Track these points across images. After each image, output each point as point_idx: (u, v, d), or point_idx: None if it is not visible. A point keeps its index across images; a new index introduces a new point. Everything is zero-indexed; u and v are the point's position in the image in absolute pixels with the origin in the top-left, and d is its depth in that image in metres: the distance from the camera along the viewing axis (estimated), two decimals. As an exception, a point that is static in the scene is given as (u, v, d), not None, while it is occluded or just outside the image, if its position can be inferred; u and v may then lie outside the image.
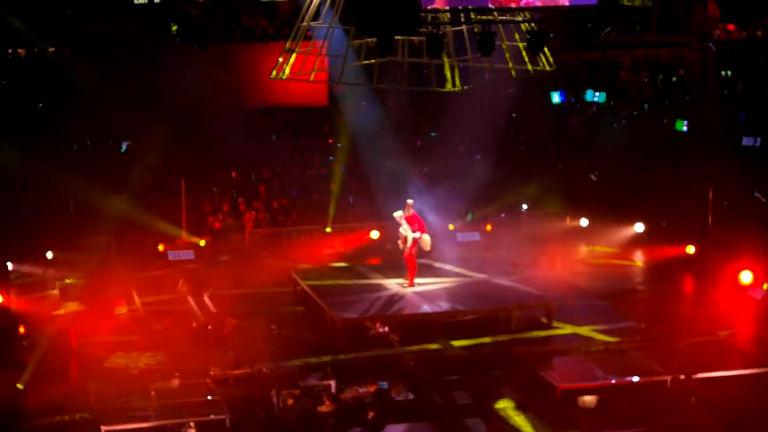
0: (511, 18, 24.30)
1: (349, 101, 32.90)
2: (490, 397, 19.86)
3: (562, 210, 31.42)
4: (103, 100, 32.38)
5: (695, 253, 28.54)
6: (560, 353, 21.99)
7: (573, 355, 21.77)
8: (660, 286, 26.95)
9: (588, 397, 19.65)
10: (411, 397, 19.86)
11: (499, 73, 26.04)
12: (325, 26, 24.81)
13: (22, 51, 34.43)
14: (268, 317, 23.83)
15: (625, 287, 26.88)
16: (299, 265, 27.36)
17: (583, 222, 31.19)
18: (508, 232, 30.24)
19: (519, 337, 23.01)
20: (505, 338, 22.91)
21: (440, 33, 23.43)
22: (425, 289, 24.43)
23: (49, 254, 27.61)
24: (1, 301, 23.94)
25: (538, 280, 25.47)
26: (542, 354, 21.85)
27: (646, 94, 37.16)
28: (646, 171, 33.33)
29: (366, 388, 19.79)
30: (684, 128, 34.61)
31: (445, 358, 21.81)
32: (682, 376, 20.16)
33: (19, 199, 29.69)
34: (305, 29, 25.32)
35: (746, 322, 24.42)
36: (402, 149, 31.99)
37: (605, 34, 37.88)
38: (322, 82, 26.61)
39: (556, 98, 36.40)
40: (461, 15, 24.21)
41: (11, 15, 32.74)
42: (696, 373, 20.25)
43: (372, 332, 22.83)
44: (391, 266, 26.14)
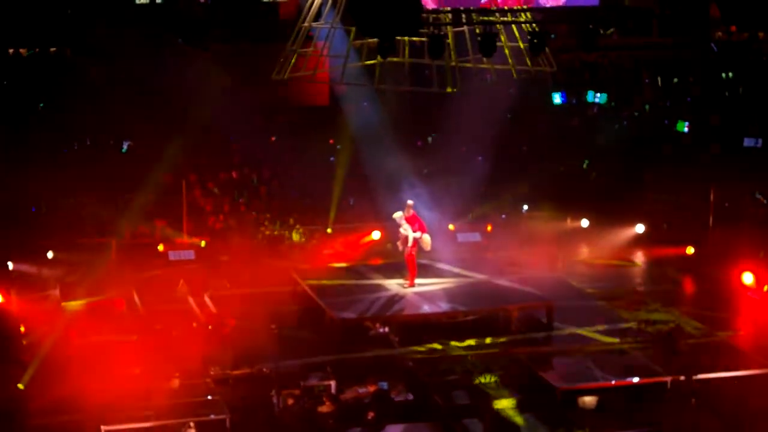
0: (513, 19, 24.32)
1: (350, 102, 32.90)
2: (490, 398, 19.86)
3: (562, 211, 31.39)
4: (103, 100, 32.40)
5: (695, 254, 28.55)
6: (560, 354, 21.98)
7: (573, 355, 21.76)
8: (660, 287, 26.93)
9: (588, 398, 19.67)
10: (411, 397, 19.86)
11: (500, 74, 26.06)
12: (326, 27, 24.83)
13: (23, 51, 34.46)
14: (269, 317, 23.82)
15: (625, 288, 26.85)
16: (299, 265, 27.36)
17: (584, 223, 31.19)
18: (509, 233, 30.23)
19: (519, 337, 23.01)
20: (506, 339, 22.91)
21: (441, 34, 23.45)
22: (425, 289, 24.43)
23: (50, 254, 27.61)
24: (2, 301, 23.95)
25: (539, 280, 25.46)
26: (542, 354, 21.85)
27: (647, 95, 37.17)
28: (647, 172, 33.33)
29: (366, 389, 19.80)
30: (685, 129, 34.63)
31: (445, 359, 21.80)
32: (682, 377, 20.16)
33: (20, 199, 29.68)
34: (307, 30, 25.35)
35: (746, 323, 24.44)
36: (402, 150, 31.98)
37: (607, 35, 37.90)
38: (323, 82, 26.61)
39: (557, 99, 36.40)
40: (462, 16, 24.23)
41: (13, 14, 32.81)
42: (696, 374, 20.25)
43: (372, 332, 22.85)
44: (391, 266, 26.13)
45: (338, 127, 33.32)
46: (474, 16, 24.75)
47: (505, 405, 19.65)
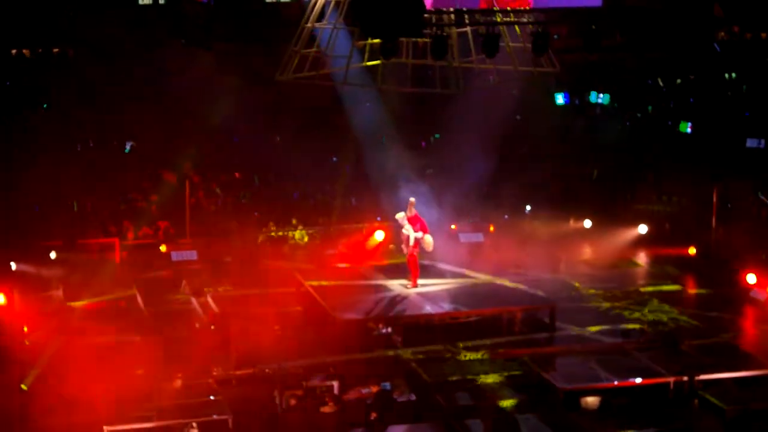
0: (516, 19, 24.32)
1: (353, 102, 32.90)
2: (493, 398, 19.87)
3: (565, 211, 31.40)
4: (107, 101, 32.46)
5: (697, 254, 28.55)
6: (563, 354, 21.98)
7: (576, 356, 21.75)
8: (662, 288, 26.92)
9: (591, 399, 19.66)
10: (413, 398, 19.86)
11: (503, 75, 26.07)
12: (329, 27, 24.85)
13: (26, 51, 34.52)
14: (271, 318, 23.84)
15: (628, 288, 26.84)
16: (302, 265, 27.37)
17: (587, 223, 31.20)
18: (511, 233, 30.23)
19: (522, 338, 23.01)
20: (508, 339, 22.91)
21: (444, 34, 23.45)
22: (428, 290, 24.43)
23: (53, 254, 27.64)
24: (4, 301, 23.98)
25: (541, 281, 25.47)
26: (545, 355, 21.84)
27: (649, 95, 37.19)
28: (649, 172, 33.35)
29: (368, 389, 19.80)
30: (688, 130, 34.65)
31: (448, 360, 21.80)
32: (685, 378, 20.16)
33: (23, 199, 29.72)
34: (310, 30, 25.37)
35: (749, 324, 24.44)
36: (405, 150, 31.99)
37: (610, 35, 37.87)
38: (326, 83, 26.62)
39: (560, 99, 36.43)
40: (465, 16, 24.24)
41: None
42: (698, 375, 20.25)
43: (375, 333, 22.85)
44: (394, 267, 26.14)
45: (341, 127, 33.31)
46: (477, 16, 24.76)
47: (508, 405, 19.67)
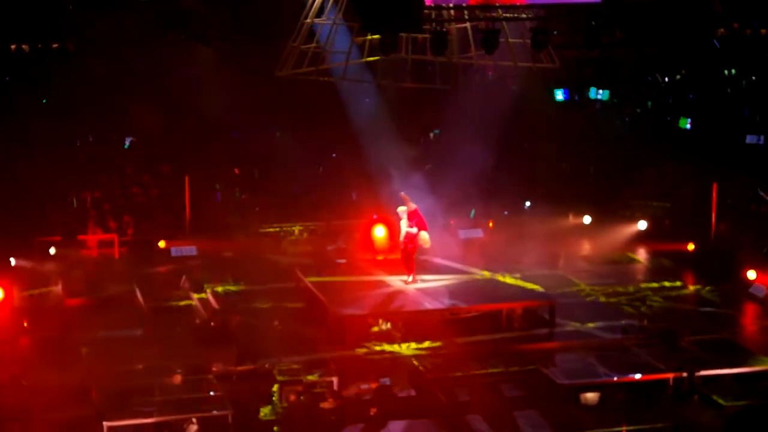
0: (515, 15, 24.29)
1: (352, 98, 32.87)
2: (493, 394, 19.88)
3: (564, 207, 31.41)
4: (106, 96, 32.42)
5: (697, 250, 28.57)
6: (562, 350, 21.99)
7: (575, 352, 21.77)
8: (662, 284, 26.94)
9: (590, 394, 19.67)
10: (413, 393, 19.88)
11: (503, 70, 26.04)
12: (329, 23, 24.83)
13: (25, 47, 34.47)
14: (271, 313, 23.85)
15: (627, 285, 26.85)
16: (302, 261, 27.38)
17: (586, 219, 31.21)
18: (511, 230, 30.24)
19: (521, 334, 23.02)
20: (508, 335, 22.93)
21: (444, 30, 23.43)
22: (428, 285, 24.44)
23: (52, 250, 27.64)
24: (3, 296, 24.00)
25: (541, 277, 25.47)
26: (545, 351, 21.85)
27: (649, 91, 37.18)
28: (649, 168, 33.35)
29: (368, 385, 19.81)
30: (687, 126, 34.65)
31: (448, 355, 21.81)
32: (684, 374, 20.17)
33: (23, 195, 29.71)
34: (309, 26, 25.34)
35: (748, 320, 24.47)
36: (405, 145, 32.00)
37: (609, 31, 37.82)
38: (325, 78, 26.61)
39: (559, 95, 36.41)
40: (465, 12, 24.21)
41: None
42: (697, 371, 20.26)
43: (374, 329, 22.86)
44: (394, 262, 26.13)
45: (340, 123, 33.29)
46: (477, 12, 24.73)
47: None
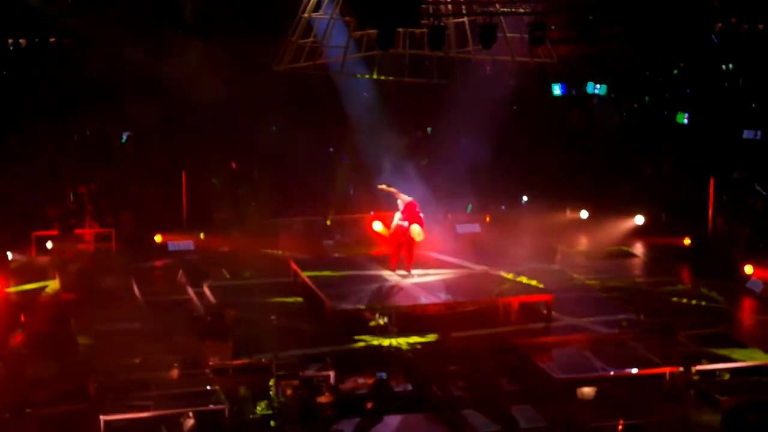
0: (513, 10, 24.30)
1: (349, 92, 32.86)
2: (489, 388, 19.88)
3: (561, 202, 31.41)
4: (103, 91, 32.38)
5: (692, 245, 28.60)
6: (559, 345, 21.99)
7: (572, 346, 21.77)
8: (659, 278, 26.96)
9: (587, 389, 19.68)
10: (410, 388, 19.88)
11: (500, 65, 26.03)
12: (326, 18, 24.82)
13: (23, 41, 34.45)
14: (268, 308, 23.83)
15: (624, 279, 26.87)
16: (299, 255, 27.37)
17: (583, 214, 31.22)
18: (508, 224, 30.24)
19: (518, 328, 23.02)
20: (505, 329, 22.93)
21: (442, 25, 23.41)
22: (425, 280, 24.45)
23: (49, 244, 27.64)
24: (1, 290, 24.00)
25: (538, 271, 25.47)
26: (541, 345, 21.85)
27: (646, 86, 37.15)
28: (646, 163, 33.36)
29: (365, 379, 19.82)
30: (685, 121, 34.65)
31: (444, 349, 21.80)
32: (681, 369, 20.18)
33: (20, 189, 29.70)
34: (307, 20, 25.34)
35: (745, 315, 24.49)
36: (402, 140, 31.99)
37: (607, 26, 37.83)
38: (323, 73, 26.61)
39: (556, 90, 36.38)
40: (462, 6, 24.21)
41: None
42: (694, 366, 20.28)
43: (371, 323, 22.86)
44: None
45: (338, 117, 33.29)
46: (475, 7, 24.74)
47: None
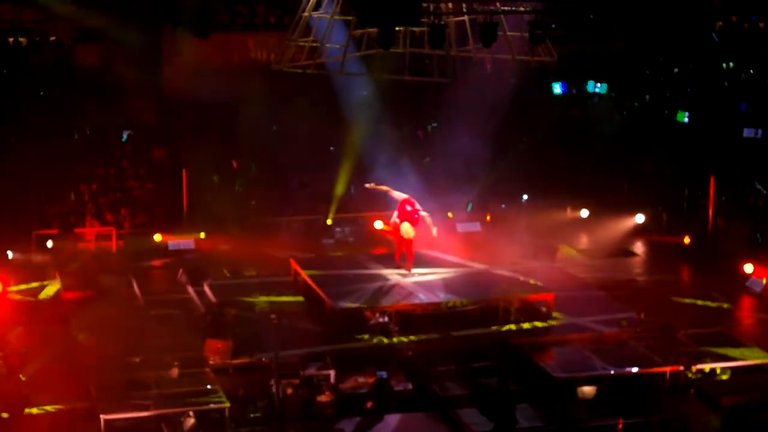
0: (513, 9, 24.28)
1: (349, 91, 32.86)
2: (489, 388, 19.87)
3: (562, 201, 31.40)
4: (103, 89, 32.38)
5: (694, 244, 28.58)
6: (559, 344, 21.99)
7: (572, 345, 21.77)
8: (659, 277, 26.95)
9: (587, 388, 19.67)
10: (410, 387, 19.89)
11: (501, 64, 26.00)
12: (326, 16, 24.80)
13: (23, 40, 34.42)
14: (268, 306, 23.83)
15: (624, 278, 26.86)
16: (299, 254, 27.37)
17: (584, 213, 31.21)
18: (508, 223, 30.23)
19: (518, 327, 23.03)
20: (505, 328, 22.93)
21: (442, 23, 23.39)
22: (425, 279, 24.44)
23: (49, 243, 27.64)
24: (1, 289, 23.98)
25: (538, 270, 25.47)
26: (541, 344, 21.85)
27: (647, 85, 37.13)
28: (646, 162, 33.35)
29: (365, 378, 19.82)
30: (685, 119, 34.64)
31: (445, 348, 21.80)
32: (681, 368, 20.18)
33: (20, 188, 29.69)
34: (307, 19, 25.31)
35: (745, 314, 24.48)
36: (402, 138, 31.98)
37: (608, 25, 37.85)
38: (322, 72, 26.59)
39: (557, 89, 36.37)
40: (463, 5, 24.19)
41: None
42: (694, 365, 20.28)
43: (371, 322, 22.85)
44: (391, 256, 26.11)
45: (338, 117, 33.28)
46: (475, 5, 24.71)
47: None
